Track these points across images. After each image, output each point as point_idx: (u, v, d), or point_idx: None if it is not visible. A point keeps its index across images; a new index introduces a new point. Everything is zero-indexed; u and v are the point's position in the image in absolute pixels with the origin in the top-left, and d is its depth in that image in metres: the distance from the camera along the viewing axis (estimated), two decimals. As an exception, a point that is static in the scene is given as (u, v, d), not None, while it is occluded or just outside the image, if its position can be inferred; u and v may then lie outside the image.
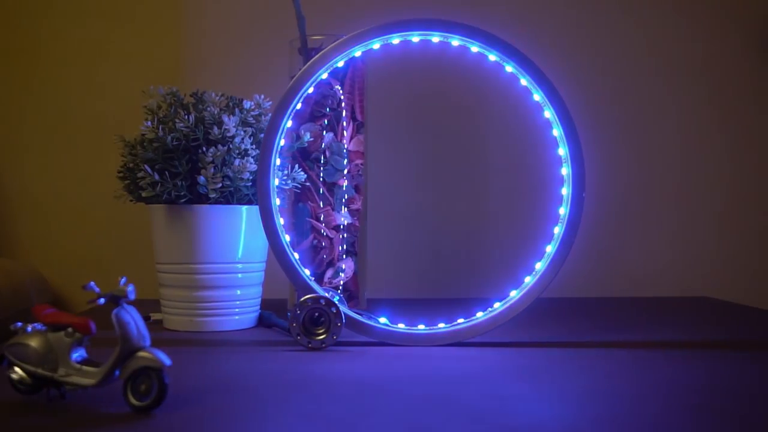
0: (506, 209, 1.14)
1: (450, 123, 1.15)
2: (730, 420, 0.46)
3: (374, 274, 0.92)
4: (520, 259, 0.76)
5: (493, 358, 0.65)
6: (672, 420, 0.46)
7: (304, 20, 0.84)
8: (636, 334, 0.79)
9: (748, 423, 0.46)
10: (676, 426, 0.45)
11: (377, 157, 0.96)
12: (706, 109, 1.19)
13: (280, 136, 0.70)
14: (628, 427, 0.45)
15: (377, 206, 1.00)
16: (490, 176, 1.15)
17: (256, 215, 0.73)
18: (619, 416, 0.47)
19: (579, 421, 0.46)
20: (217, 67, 1.12)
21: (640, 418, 0.47)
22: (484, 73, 0.79)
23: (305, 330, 0.68)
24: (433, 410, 0.48)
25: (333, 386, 0.54)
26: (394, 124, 1.12)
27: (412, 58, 1.00)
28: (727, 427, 0.45)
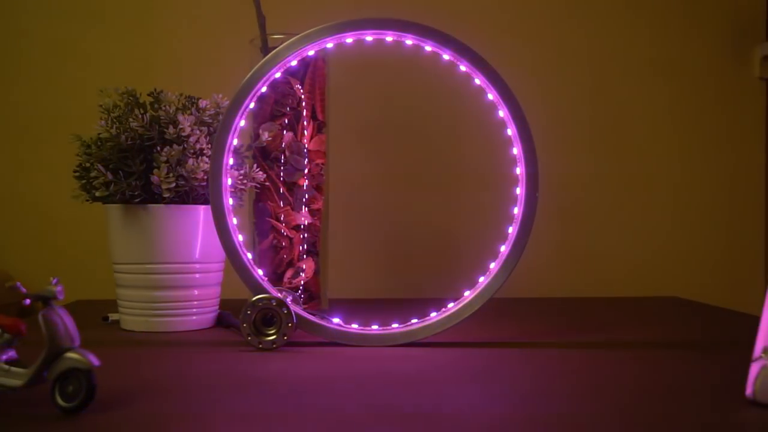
0: (467, 209, 1.14)
1: (413, 123, 1.14)
2: (663, 420, 0.46)
3: (336, 274, 0.91)
4: (482, 259, 0.76)
5: (445, 358, 0.65)
6: (605, 419, 0.46)
7: (264, 19, 0.84)
8: (597, 334, 0.78)
9: (683, 423, 0.46)
10: (602, 426, 0.45)
11: (339, 157, 0.96)
12: (677, 110, 1.19)
13: (233, 135, 0.70)
14: (555, 427, 0.44)
15: (339, 206, 0.99)
16: (451, 176, 1.14)
17: (212, 215, 0.72)
18: (552, 416, 0.47)
19: (511, 420, 0.46)
20: (177, 67, 1.11)
21: (573, 418, 0.46)
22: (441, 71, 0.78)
23: (256, 330, 0.68)
24: (369, 410, 0.48)
25: (272, 386, 0.54)
26: (356, 123, 1.12)
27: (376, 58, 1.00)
28: (658, 427, 0.45)
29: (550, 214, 1.16)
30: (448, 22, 1.12)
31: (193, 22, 1.12)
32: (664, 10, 1.19)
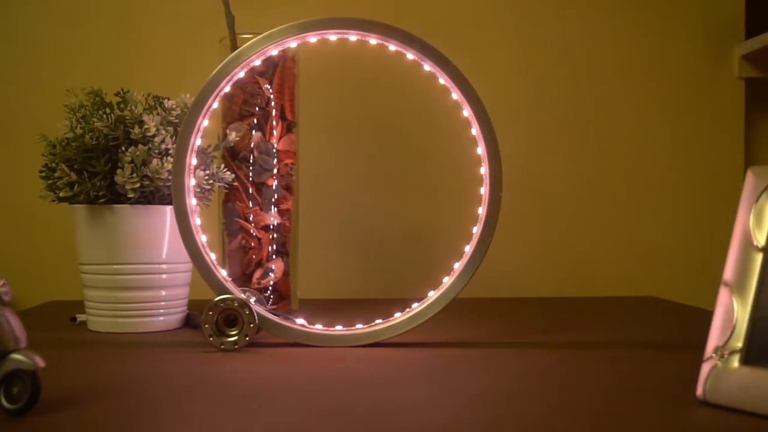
0: (437, 209, 1.14)
1: (384, 123, 1.14)
2: (608, 420, 0.46)
3: (307, 275, 0.91)
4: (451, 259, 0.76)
5: (406, 359, 0.64)
6: (551, 420, 0.46)
7: (233, 18, 0.84)
8: (567, 333, 0.78)
9: (629, 423, 0.46)
10: (545, 427, 0.45)
11: (310, 157, 0.96)
12: (657, 110, 1.19)
13: (196, 135, 0.69)
14: (498, 428, 0.44)
15: (309, 206, 0.99)
16: (422, 176, 1.14)
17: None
18: (498, 418, 0.46)
19: (454, 421, 0.45)
20: (146, 66, 1.11)
21: (519, 418, 0.46)
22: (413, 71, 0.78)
23: (218, 331, 0.68)
24: (317, 411, 0.47)
25: (226, 387, 0.54)
26: (328, 123, 1.12)
27: (347, 57, 0.99)
28: (602, 427, 0.45)
29: (530, 215, 1.16)
30: (426, 22, 1.13)
31: (163, 22, 1.12)
32: (643, 9, 1.19)
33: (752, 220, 0.50)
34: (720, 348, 0.49)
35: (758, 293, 0.49)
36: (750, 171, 0.52)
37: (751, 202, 0.51)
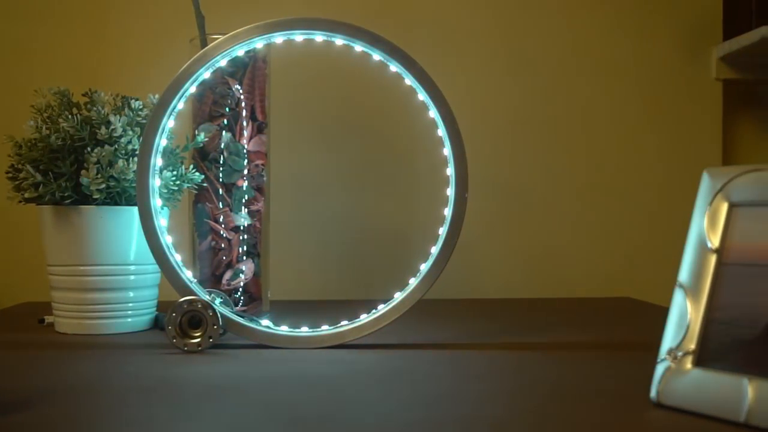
0: (408, 210, 1.13)
1: (357, 124, 1.14)
2: (561, 422, 0.46)
3: (279, 276, 0.91)
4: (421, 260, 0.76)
5: (369, 361, 0.64)
6: (503, 422, 0.46)
7: (203, 19, 0.83)
8: (536, 335, 0.78)
9: (581, 425, 0.46)
10: (497, 428, 0.45)
11: (282, 158, 0.96)
12: (634, 111, 1.20)
13: (161, 136, 0.69)
14: (448, 430, 0.44)
15: (282, 207, 0.99)
16: (394, 177, 1.14)
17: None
18: (448, 420, 0.46)
19: (405, 423, 0.45)
20: (116, 66, 1.10)
21: (473, 420, 0.46)
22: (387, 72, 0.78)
23: (182, 333, 0.67)
24: (266, 413, 0.47)
25: (182, 389, 0.53)
26: (300, 124, 1.11)
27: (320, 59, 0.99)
28: (554, 429, 0.45)
29: (508, 216, 1.16)
30: (407, 23, 1.13)
31: (134, 22, 1.11)
32: (621, 10, 1.19)
33: (706, 222, 0.50)
34: (673, 349, 0.49)
35: (711, 295, 0.49)
36: (705, 172, 0.52)
37: (705, 204, 0.51)
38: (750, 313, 0.46)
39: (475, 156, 1.17)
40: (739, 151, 1.24)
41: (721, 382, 0.45)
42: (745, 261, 0.48)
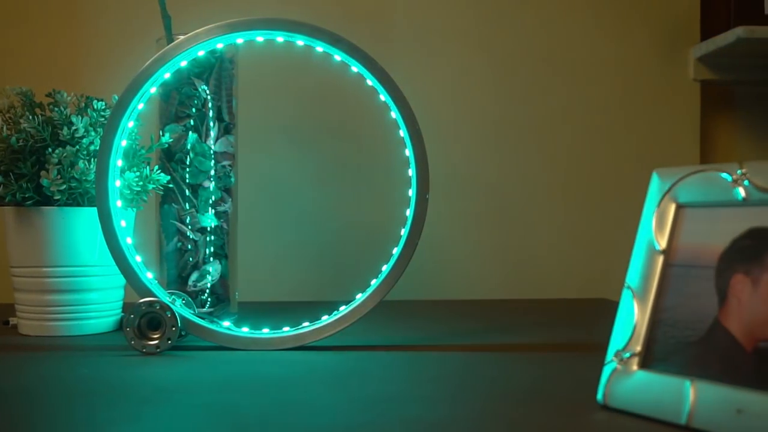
0: (378, 210, 1.13)
1: (326, 125, 1.13)
2: (505, 424, 0.46)
3: (248, 277, 0.90)
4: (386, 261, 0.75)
5: (327, 362, 0.64)
6: (444, 424, 0.45)
7: (169, 19, 0.83)
8: (500, 336, 0.78)
9: (525, 427, 0.45)
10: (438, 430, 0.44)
11: (250, 159, 0.95)
12: (612, 112, 1.19)
13: (120, 137, 0.69)
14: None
15: (251, 208, 0.98)
16: (363, 177, 1.13)
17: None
18: (391, 422, 0.46)
19: (346, 427, 0.45)
20: (83, 67, 1.10)
21: (413, 424, 0.46)
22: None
23: (141, 334, 0.67)
24: (208, 415, 0.47)
25: (130, 391, 0.53)
26: (270, 124, 1.11)
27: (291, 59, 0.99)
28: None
29: (484, 216, 1.16)
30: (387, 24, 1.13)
31: (102, 22, 1.10)
32: (598, 12, 1.19)
33: (654, 223, 0.50)
34: (620, 351, 0.49)
35: (658, 296, 0.48)
36: (655, 173, 0.52)
37: (654, 205, 0.51)
38: (694, 315, 0.46)
39: (452, 156, 1.18)
40: (718, 152, 1.24)
41: (664, 384, 0.45)
42: (690, 262, 0.47)
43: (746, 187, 0.45)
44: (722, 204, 0.47)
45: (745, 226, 0.45)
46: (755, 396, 0.41)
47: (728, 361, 0.43)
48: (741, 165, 0.46)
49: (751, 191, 0.45)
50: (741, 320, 0.43)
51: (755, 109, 1.24)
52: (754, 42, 1.09)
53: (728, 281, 0.45)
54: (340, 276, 1.11)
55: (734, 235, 0.45)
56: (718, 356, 0.44)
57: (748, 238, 0.45)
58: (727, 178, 0.46)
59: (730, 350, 0.43)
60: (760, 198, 0.44)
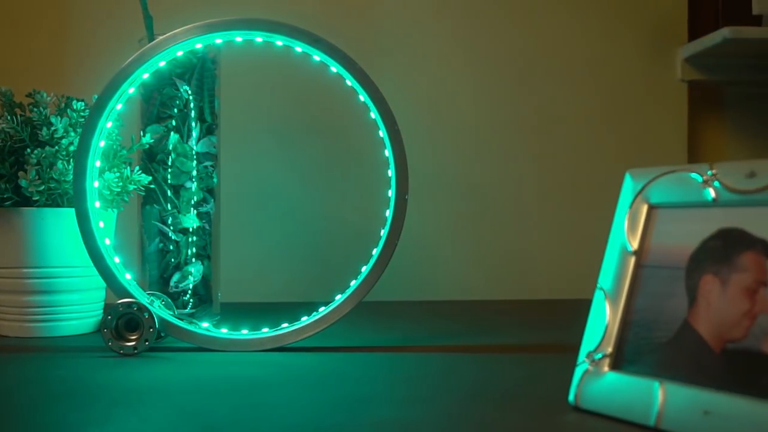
0: (360, 210, 1.12)
1: (311, 125, 1.13)
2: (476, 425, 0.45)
3: (232, 278, 0.90)
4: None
5: (305, 363, 0.64)
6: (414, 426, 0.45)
7: (151, 19, 0.83)
8: (481, 337, 0.78)
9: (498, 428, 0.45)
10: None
11: (234, 160, 0.95)
12: (599, 112, 1.19)
13: (98, 138, 0.68)
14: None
15: (235, 209, 0.98)
16: (348, 179, 1.13)
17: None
18: (361, 424, 0.46)
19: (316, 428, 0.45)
20: (64, 66, 1.09)
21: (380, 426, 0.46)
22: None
23: (119, 335, 0.67)
24: (175, 418, 0.47)
25: (103, 393, 0.53)
26: (253, 125, 1.11)
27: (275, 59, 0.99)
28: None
29: (469, 216, 1.16)
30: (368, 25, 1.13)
31: (83, 21, 1.10)
32: (586, 12, 1.19)
33: (627, 224, 0.50)
34: (591, 352, 0.49)
35: (629, 297, 0.48)
36: (628, 174, 0.52)
37: (626, 206, 0.51)
38: (664, 316, 0.46)
39: (438, 157, 1.18)
40: (705, 153, 1.24)
41: (634, 385, 0.45)
42: (662, 263, 0.47)
43: (716, 188, 0.45)
44: (693, 205, 0.47)
45: (714, 227, 0.45)
46: (722, 397, 0.41)
47: (696, 362, 0.43)
48: (711, 166, 0.46)
49: (720, 192, 0.45)
50: (710, 321, 0.43)
51: (743, 109, 1.24)
52: (740, 42, 1.09)
53: (698, 282, 0.45)
54: (327, 276, 1.11)
55: (704, 235, 0.45)
56: (686, 357, 0.44)
57: (717, 239, 0.44)
58: (698, 179, 0.46)
59: (698, 351, 0.43)
60: (729, 199, 0.44)
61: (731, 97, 1.24)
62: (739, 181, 0.44)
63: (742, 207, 0.44)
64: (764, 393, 0.39)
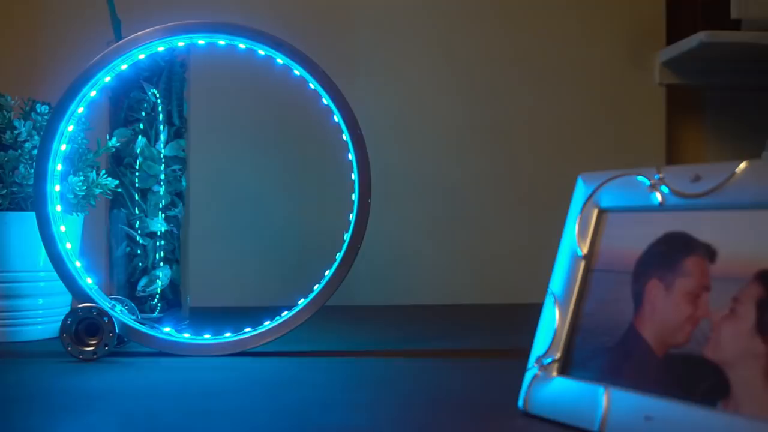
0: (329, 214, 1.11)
1: (281, 128, 1.12)
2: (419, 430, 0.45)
3: (203, 282, 0.90)
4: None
5: (265, 368, 0.63)
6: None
7: (119, 23, 0.83)
8: (447, 341, 0.78)
9: None
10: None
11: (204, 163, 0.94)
12: (577, 115, 1.19)
13: (59, 141, 0.68)
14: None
15: (205, 213, 0.98)
16: (318, 182, 1.12)
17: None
18: (306, 428, 0.45)
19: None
20: (31, 69, 1.09)
21: (334, 430, 0.45)
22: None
23: (78, 340, 0.66)
24: (118, 427, 0.46)
25: (52, 399, 0.52)
26: (224, 129, 1.10)
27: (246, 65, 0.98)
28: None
29: (450, 220, 1.15)
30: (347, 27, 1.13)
31: (51, 24, 1.09)
32: (564, 15, 1.19)
33: (577, 229, 0.49)
34: (541, 357, 0.48)
35: (578, 302, 0.48)
36: (580, 177, 0.52)
37: (578, 210, 0.50)
38: (611, 321, 0.46)
39: (420, 161, 1.17)
40: (684, 157, 1.24)
41: (580, 390, 0.45)
42: (610, 267, 0.47)
43: (663, 192, 0.45)
44: (641, 209, 0.46)
45: (661, 231, 0.45)
46: (664, 403, 0.40)
47: (640, 367, 0.43)
48: (659, 169, 0.46)
49: (667, 196, 0.45)
50: (654, 326, 0.43)
51: (722, 112, 1.24)
52: (717, 46, 1.09)
53: (644, 287, 0.44)
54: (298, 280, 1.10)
55: (651, 240, 0.45)
56: (631, 363, 0.43)
57: (662, 243, 0.44)
58: (645, 183, 0.46)
59: (642, 356, 0.43)
60: (675, 203, 0.44)
61: (709, 100, 1.24)
62: (684, 185, 0.44)
63: (687, 211, 0.43)
64: (704, 398, 0.39)
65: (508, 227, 1.17)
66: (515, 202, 1.17)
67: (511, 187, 1.17)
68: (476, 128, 1.17)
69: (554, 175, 1.18)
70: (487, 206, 1.16)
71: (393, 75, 1.15)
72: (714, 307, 0.40)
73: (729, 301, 0.40)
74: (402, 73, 1.15)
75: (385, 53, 1.15)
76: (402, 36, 1.15)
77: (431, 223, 1.15)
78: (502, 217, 1.17)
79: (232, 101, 1.11)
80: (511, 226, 1.17)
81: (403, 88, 1.15)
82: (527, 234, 1.17)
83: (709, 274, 0.41)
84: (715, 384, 0.39)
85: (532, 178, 1.17)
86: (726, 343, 0.39)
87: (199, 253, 0.92)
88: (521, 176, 1.17)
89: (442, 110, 1.16)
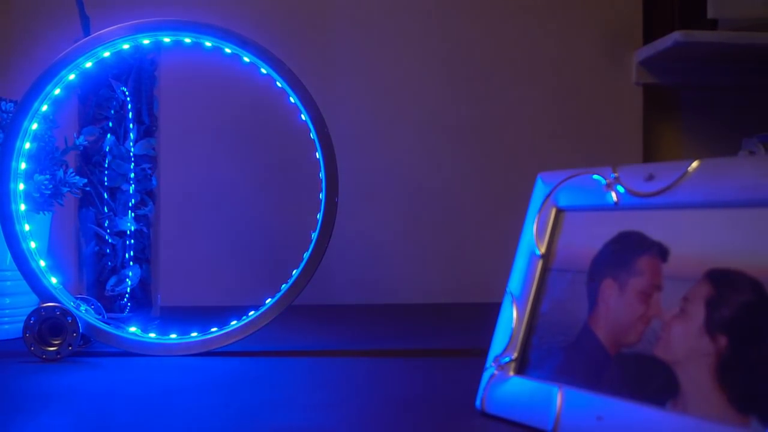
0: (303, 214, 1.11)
1: (255, 127, 1.11)
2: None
3: (172, 281, 0.89)
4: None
5: (229, 368, 0.63)
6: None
7: (88, 20, 0.82)
8: (413, 341, 0.77)
9: None
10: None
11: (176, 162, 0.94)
12: (554, 114, 1.19)
13: (23, 139, 0.67)
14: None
15: (177, 212, 0.97)
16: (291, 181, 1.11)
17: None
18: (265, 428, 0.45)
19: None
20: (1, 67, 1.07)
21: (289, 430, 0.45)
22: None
23: (41, 340, 0.66)
24: (69, 428, 0.46)
25: (9, 401, 0.52)
26: (195, 127, 1.09)
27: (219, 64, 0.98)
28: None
29: (424, 219, 1.15)
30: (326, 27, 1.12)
31: (20, 21, 1.08)
32: (540, 14, 1.19)
33: (535, 228, 0.49)
34: (498, 357, 0.48)
35: (535, 301, 0.48)
36: (539, 177, 0.52)
37: (536, 210, 0.50)
38: (567, 320, 0.45)
39: (394, 159, 1.17)
40: (661, 155, 1.24)
41: (536, 390, 0.45)
42: (567, 267, 0.47)
43: (618, 191, 0.45)
44: (597, 208, 0.46)
45: (615, 230, 0.45)
46: (615, 402, 0.40)
47: (593, 367, 0.43)
48: (614, 168, 0.46)
49: (622, 195, 0.45)
50: (608, 325, 0.43)
51: (698, 112, 1.25)
52: (693, 46, 1.09)
53: (598, 286, 0.44)
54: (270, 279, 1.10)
55: (606, 239, 0.45)
56: (585, 362, 0.43)
57: (617, 243, 0.44)
58: (602, 182, 0.46)
59: (595, 356, 0.43)
60: (630, 202, 0.44)
61: (686, 99, 1.25)
62: (638, 184, 0.44)
63: (640, 210, 0.43)
64: (654, 398, 0.39)
65: (483, 226, 1.16)
66: (490, 202, 1.17)
67: (485, 186, 1.17)
68: (452, 128, 1.16)
69: (530, 175, 1.18)
70: (462, 206, 1.16)
71: (369, 73, 1.15)
72: (665, 307, 0.40)
73: (679, 300, 0.40)
74: (378, 72, 1.15)
75: (363, 53, 1.15)
76: (380, 36, 1.15)
77: (407, 222, 1.15)
78: (477, 216, 1.16)
79: (204, 99, 1.10)
80: (486, 225, 1.16)
81: (383, 87, 1.15)
82: (502, 233, 1.17)
83: (662, 273, 0.41)
84: (665, 384, 0.39)
85: (507, 177, 1.17)
86: (676, 343, 0.39)
87: (170, 252, 0.91)
88: (496, 176, 1.17)
89: (418, 110, 1.16)
